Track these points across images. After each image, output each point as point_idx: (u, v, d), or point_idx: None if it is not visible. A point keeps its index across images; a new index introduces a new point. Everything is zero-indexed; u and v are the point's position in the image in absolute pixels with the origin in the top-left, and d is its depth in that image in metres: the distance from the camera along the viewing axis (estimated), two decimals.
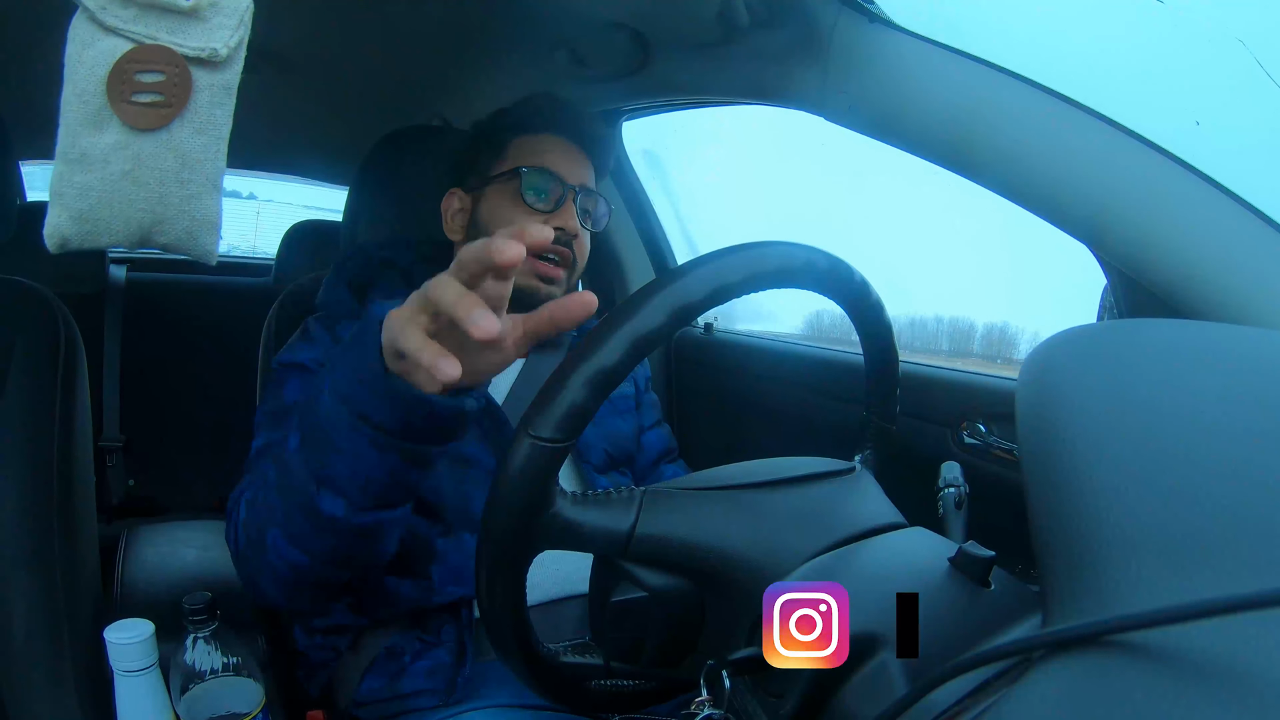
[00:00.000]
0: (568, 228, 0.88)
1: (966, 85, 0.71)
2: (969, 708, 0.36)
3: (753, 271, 0.51)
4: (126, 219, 0.47)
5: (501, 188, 0.91)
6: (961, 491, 0.62)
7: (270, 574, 0.69)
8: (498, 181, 0.91)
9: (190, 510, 1.70)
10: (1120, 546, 0.31)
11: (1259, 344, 0.44)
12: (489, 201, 0.91)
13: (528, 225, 0.50)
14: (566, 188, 0.89)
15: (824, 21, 0.80)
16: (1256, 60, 0.64)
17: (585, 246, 0.93)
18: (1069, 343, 0.43)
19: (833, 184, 1.47)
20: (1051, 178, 0.68)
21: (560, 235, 0.88)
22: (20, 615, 0.74)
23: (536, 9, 1.05)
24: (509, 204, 0.90)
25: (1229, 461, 0.33)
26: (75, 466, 0.82)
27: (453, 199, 0.95)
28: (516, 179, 0.89)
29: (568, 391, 0.48)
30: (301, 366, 0.85)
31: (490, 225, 0.90)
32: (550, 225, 0.86)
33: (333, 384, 0.60)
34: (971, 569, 0.47)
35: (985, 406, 0.95)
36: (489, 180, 0.92)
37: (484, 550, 0.51)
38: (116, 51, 0.46)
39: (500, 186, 0.91)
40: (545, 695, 0.58)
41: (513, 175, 0.89)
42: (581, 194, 0.91)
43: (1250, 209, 0.62)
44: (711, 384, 1.41)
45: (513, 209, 0.89)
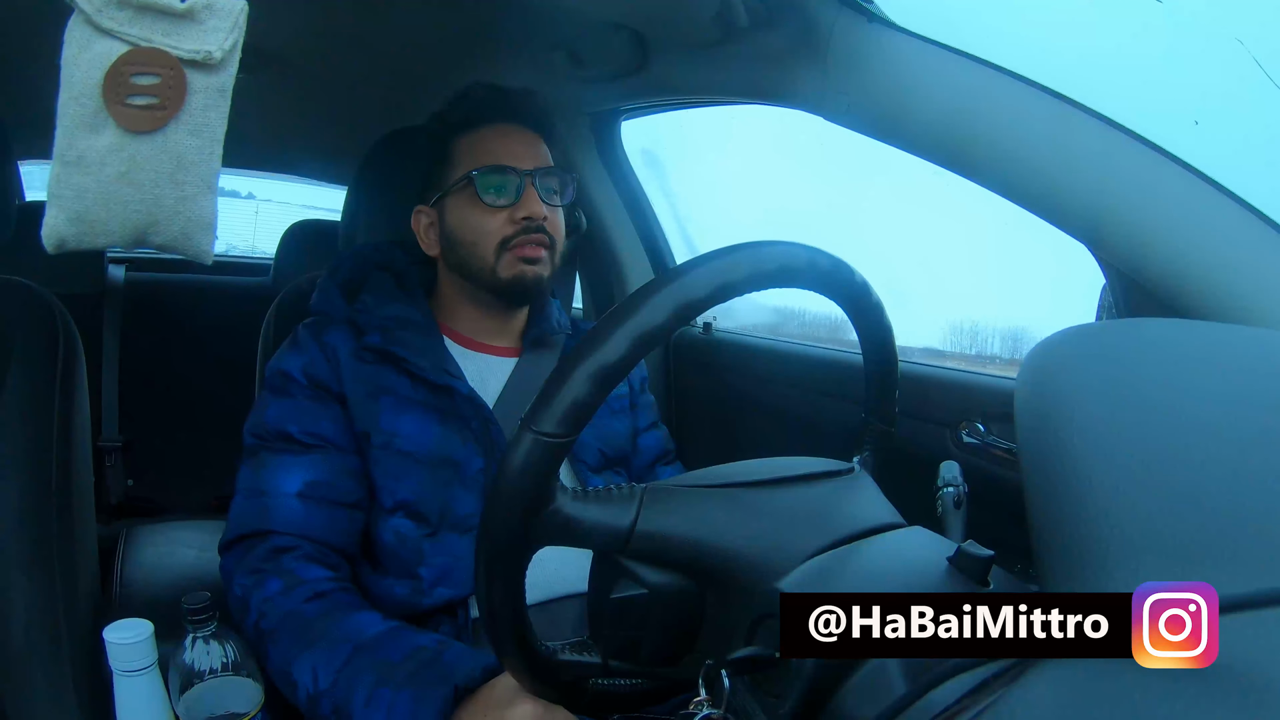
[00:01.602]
0: (534, 215, 0.87)
1: (966, 85, 0.71)
2: (969, 707, 0.36)
3: (754, 270, 0.51)
4: (122, 220, 0.47)
5: (459, 194, 0.90)
6: (960, 491, 0.62)
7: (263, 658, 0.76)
8: (454, 190, 0.90)
9: (189, 510, 1.69)
10: (1119, 546, 0.31)
11: (1258, 344, 0.45)
12: (451, 211, 0.91)
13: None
14: (522, 175, 0.88)
15: (823, 21, 0.80)
16: (1256, 60, 0.64)
17: (559, 223, 0.92)
18: (1068, 342, 0.43)
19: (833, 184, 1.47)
20: (1051, 178, 0.68)
21: (529, 224, 0.88)
22: (20, 615, 0.74)
23: (536, 9, 1.05)
24: (470, 208, 0.89)
25: (1227, 461, 0.33)
26: (74, 467, 0.82)
27: (420, 217, 0.94)
28: (471, 182, 0.88)
29: (570, 387, 0.48)
30: (286, 377, 0.87)
31: (460, 234, 0.90)
32: (516, 217, 0.87)
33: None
34: (970, 568, 0.47)
35: (984, 406, 0.95)
36: (446, 190, 0.91)
37: (483, 546, 0.51)
38: (112, 54, 0.46)
39: (458, 193, 0.90)
40: (543, 694, 0.58)
41: (467, 180, 0.89)
42: (539, 175, 0.89)
43: (1250, 209, 0.62)
44: (710, 384, 1.41)
45: (475, 212, 0.89)
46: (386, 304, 0.91)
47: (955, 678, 0.37)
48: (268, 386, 0.88)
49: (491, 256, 0.89)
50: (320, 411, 0.85)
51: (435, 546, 0.84)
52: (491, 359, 0.94)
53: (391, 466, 0.85)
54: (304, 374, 0.86)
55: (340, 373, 0.86)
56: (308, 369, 0.86)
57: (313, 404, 0.85)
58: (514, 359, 0.95)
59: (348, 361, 0.87)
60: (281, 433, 0.84)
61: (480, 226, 0.89)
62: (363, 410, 0.85)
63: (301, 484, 0.82)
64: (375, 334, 0.88)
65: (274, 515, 0.81)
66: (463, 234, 0.90)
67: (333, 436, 0.85)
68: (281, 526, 0.81)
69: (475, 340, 0.95)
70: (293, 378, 0.86)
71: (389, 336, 0.88)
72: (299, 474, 0.82)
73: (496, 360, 0.95)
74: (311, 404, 0.85)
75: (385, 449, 0.85)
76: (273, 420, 0.85)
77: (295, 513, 0.81)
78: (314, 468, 0.83)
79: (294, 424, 0.84)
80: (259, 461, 0.84)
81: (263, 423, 0.85)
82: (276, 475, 0.83)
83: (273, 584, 0.77)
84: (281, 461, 0.83)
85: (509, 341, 0.97)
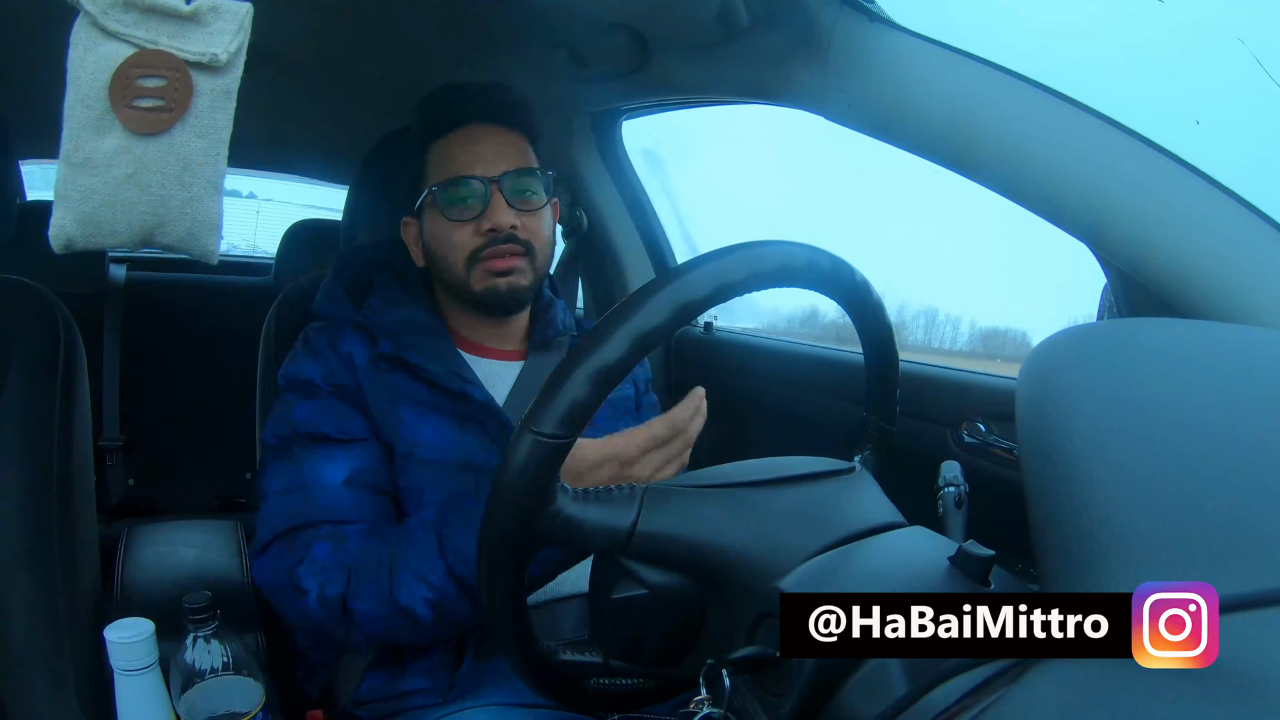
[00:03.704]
0: (499, 225, 0.84)
1: (966, 85, 0.71)
2: (969, 707, 0.36)
3: (754, 270, 0.51)
4: (129, 221, 0.47)
5: (430, 208, 0.88)
6: (961, 491, 0.62)
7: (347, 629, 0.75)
8: (425, 203, 0.88)
9: (190, 510, 1.70)
10: (1119, 545, 0.31)
11: (1259, 344, 0.45)
12: (427, 224, 0.89)
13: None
14: (487, 184, 0.84)
15: (824, 21, 0.80)
16: (1257, 60, 0.64)
17: (537, 226, 0.88)
18: (1069, 342, 0.43)
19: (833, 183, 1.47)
20: (1051, 177, 0.68)
21: (493, 235, 0.84)
22: (20, 615, 0.74)
23: (536, 9, 1.05)
24: (439, 221, 0.87)
25: (1228, 461, 0.33)
26: (75, 466, 0.82)
27: (409, 228, 0.92)
28: (434, 196, 0.86)
29: (570, 387, 0.48)
30: (308, 383, 0.85)
31: (435, 248, 0.88)
32: (483, 229, 0.84)
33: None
34: (971, 568, 0.47)
35: (985, 406, 0.95)
36: (420, 204, 0.89)
37: (484, 547, 0.51)
38: (118, 56, 0.46)
39: (429, 207, 0.88)
40: (544, 694, 0.58)
41: (430, 194, 0.86)
42: (509, 179, 0.85)
43: (1250, 209, 0.62)
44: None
45: (443, 225, 0.86)
46: (394, 307, 0.90)
47: (955, 678, 0.37)
48: (290, 390, 0.85)
49: (463, 270, 0.86)
50: (349, 412, 0.84)
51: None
52: (497, 363, 0.93)
53: (416, 474, 0.84)
54: (326, 381, 0.84)
55: (360, 381, 0.85)
56: (329, 377, 0.85)
57: (340, 404, 0.84)
58: (520, 362, 0.95)
59: (365, 369, 0.85)
60: (315, 433, 0.82)
61: (449, 239, 0.86)
62: (384, 418, 0.84)
63: (349, 471, 0.80)
64: (387, 341, 0.86)
65: (322, 505, 0.78)
66: (435, 247, 0.88)
67: (365, 434, 0.84)
68: (331, 515, 0.78)
69: (480, 345, 0.94)
70: (315, 383, 0.84)
71: (400, 343, 0.87)
72: (343, 464, 0.80)
73: (502, 364, 0.94)
74: (339, 404, 0.84)
75: (409, 457, 0.84)
76: (304, 421, 0.83)
77: (344, 500, 0.79)
78: (357, 458, 0.81)
79: (328, 423, 0.82)
80: (294, 458, 0.81)
81: (292, 424, 0.83)
82: (319, 467, 0.80)
83: (320, 550, 0.75)
84: (323, 453, 0.81)
85: (513, 345, 0.96)
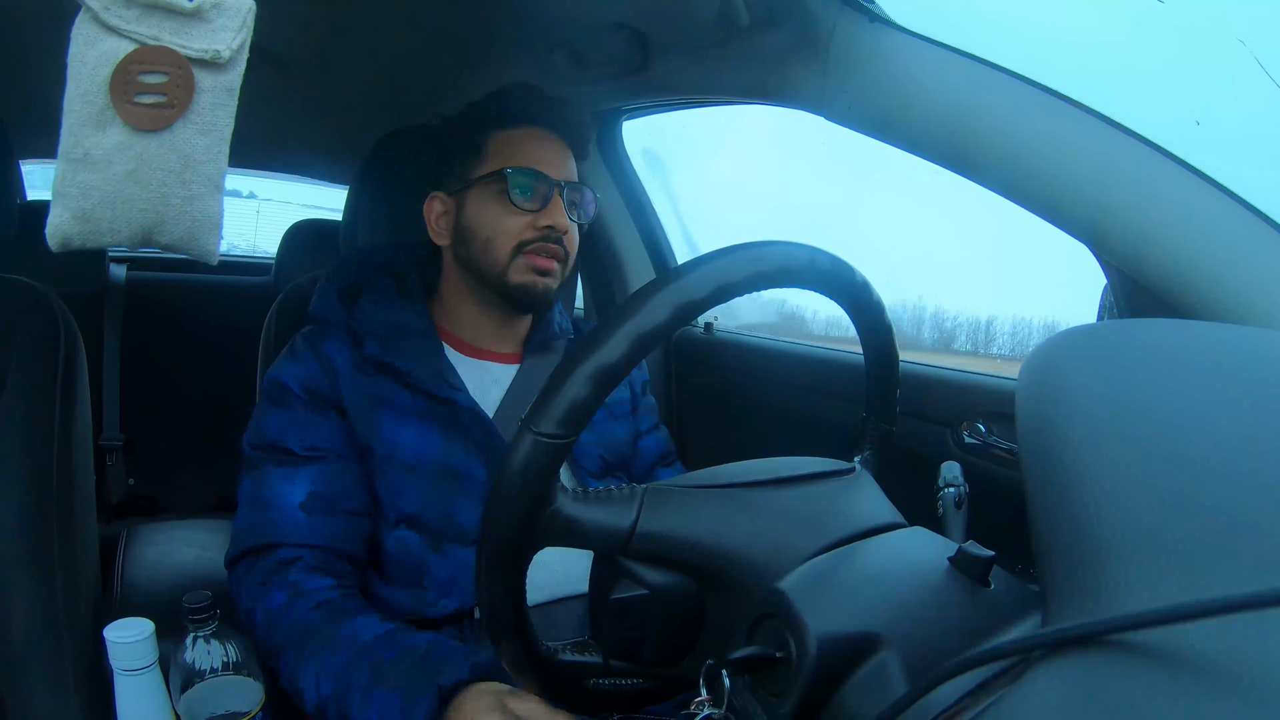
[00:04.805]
0: (557, 225, 0.87)
1: (966, 85, 0.71)
2: (969, 707, 0.36)
3: (755, 270, 0.51)
4: (129, 219, 0.47)
5: (485, 189, 0.89)
6: (961, 491, 0.62)
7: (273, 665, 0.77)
8: (481, 183, 0.89)
9: (190, 510, 1.70)
10: (1120, 546, 0.31)
11: (1259, 344, 0.44)
12: (473, 203, 0.90)
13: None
14: (552, 184, 0.88)
15: (824, 21, 0.80)
16: (1257, 60, 0.64)
17: (575, 239, 0.92)
18: (1069, 342, 0.43)
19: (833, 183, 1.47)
20: (1051, 177, 0.68)
21: (550, 233, 0.87)
22: (20, 615, 0.74)
23: (536, 9, 1.05)
24: (494, 205, 0.88)
25: (1229, 462, 0.33)
26: (75, 466, 0.82)
27: (435, 202, 0.93)
28: (502, 180, 0.87)
29: (570, 387, 0.48)
30: (284, 388, 0.86)
31: (477, 228, 0.89)
32: (539, 224, 0.87)
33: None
34: (971, 569, 0.47)
35: (985, 406, 0.95)
36: (471, 182, 0.90)
37: (484, 547, 0.51)
38: (120, 52, 0.46)
39: (484, 188, 0.89)
40: (544, 694, 0.58)
41: (498, 177, 0.88)
42: (567, 188, 0.89)
43: (1250, 209, 0.62)
44: (711, 384, 1.41)
45: (499, 210, 0.88)
46: (386, 309, 0.91)
47: (955, 678, 0.37)
48: (265, 396, 0.87)
49: (506, 257, 0.88)
50: (319, 423, 0.85)
51: (439, 558, 0.83)
52: (493, 365, 0.94)
53: (394, 479, 0.84)
54: (301, 387, 0.85)
55: (339, 385, 0.86)
56: (305, 382, 0.86)
57: (311, 415, 0.85)
58: (515, 365, 0.95)
59: (346, 373, 0.86)
60: (280, 446, 0.84)
61: (500, 225, 0.88)
62: (364, 422, 0.85)
63: (304, 495, 0.82)
64: (373, 343, 0.87)
65: (278, 528, 0.80)
66: (480, 229, 0.89)
67: (333, 446, 0.84)
68: (286, 538, 0.80)
69: (476, 346, 0.94)
70: (290, 389, 0.85)
71: (387, 346, 0.87)
72: (302, 485, 0.82)
73: (498, 367, 0.94)
74: (310, 415, 0.85)
75: (387, 461, 0.84)
76: (272, 432, 0.84)
77: (299, 524, 0.81)
78: (316, 479, 0.83)
79: (293, 437, 0.84)
80: (260, 474, 0.84)
81: (262, 433, 0.85)
82: (278, 487, 0.82)
83: (277, 596, 0.77)
84: (283, 474, 0.83)
85: (511, 347, 0.96)
